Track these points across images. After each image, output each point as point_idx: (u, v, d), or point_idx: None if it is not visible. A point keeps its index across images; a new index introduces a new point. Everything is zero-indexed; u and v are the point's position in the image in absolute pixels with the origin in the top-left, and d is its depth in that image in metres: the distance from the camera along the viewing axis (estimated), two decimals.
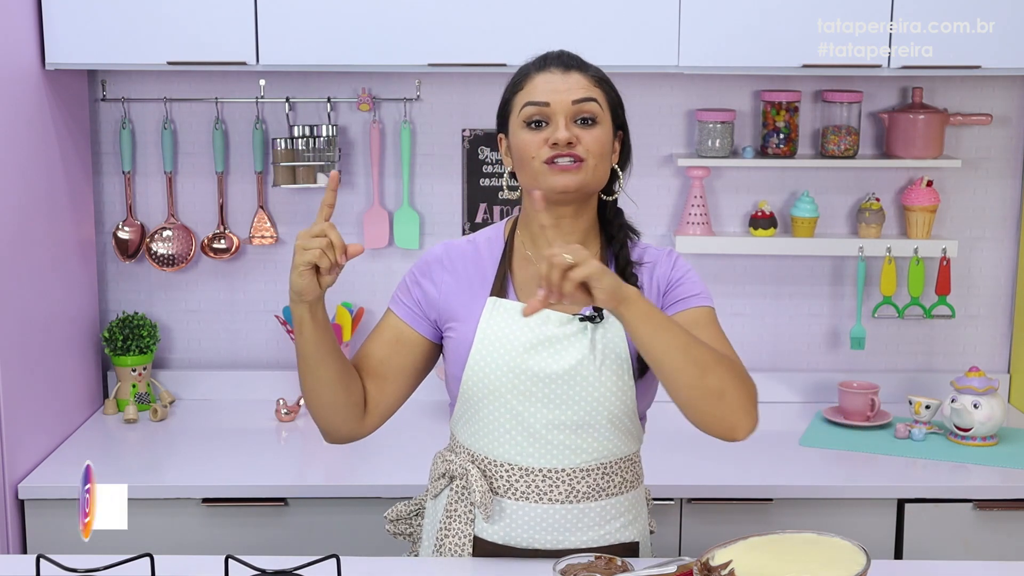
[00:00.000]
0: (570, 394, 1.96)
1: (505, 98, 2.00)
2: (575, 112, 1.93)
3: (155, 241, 3.30)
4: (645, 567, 1.84)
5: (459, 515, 2.02)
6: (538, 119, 1.93)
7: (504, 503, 2.00)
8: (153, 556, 1.79)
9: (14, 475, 2.72)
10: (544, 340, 1.96)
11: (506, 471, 1.99)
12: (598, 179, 1.95)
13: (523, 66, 2.00)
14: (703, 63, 2.90)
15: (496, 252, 2.05)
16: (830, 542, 1.82)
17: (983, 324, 3.38)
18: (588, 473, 1.99)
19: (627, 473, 2.04)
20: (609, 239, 2.03)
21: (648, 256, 2.04)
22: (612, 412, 1.97)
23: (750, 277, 3.35)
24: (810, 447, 2.98)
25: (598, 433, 1.98)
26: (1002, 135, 3.28)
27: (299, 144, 3.18)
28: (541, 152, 1.92)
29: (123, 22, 2.87)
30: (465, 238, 2.10)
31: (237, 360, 3.40)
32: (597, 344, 1.96)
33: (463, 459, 2.03)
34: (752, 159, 3.21)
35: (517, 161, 1.97)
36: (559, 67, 1.95)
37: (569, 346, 1.96)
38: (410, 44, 2.88)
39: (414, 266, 2.07)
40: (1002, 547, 2.75)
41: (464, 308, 2.00)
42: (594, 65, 2.01)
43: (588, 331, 1.96)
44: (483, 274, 2.03)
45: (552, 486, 1.98)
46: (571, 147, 1.91)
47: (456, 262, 2.04)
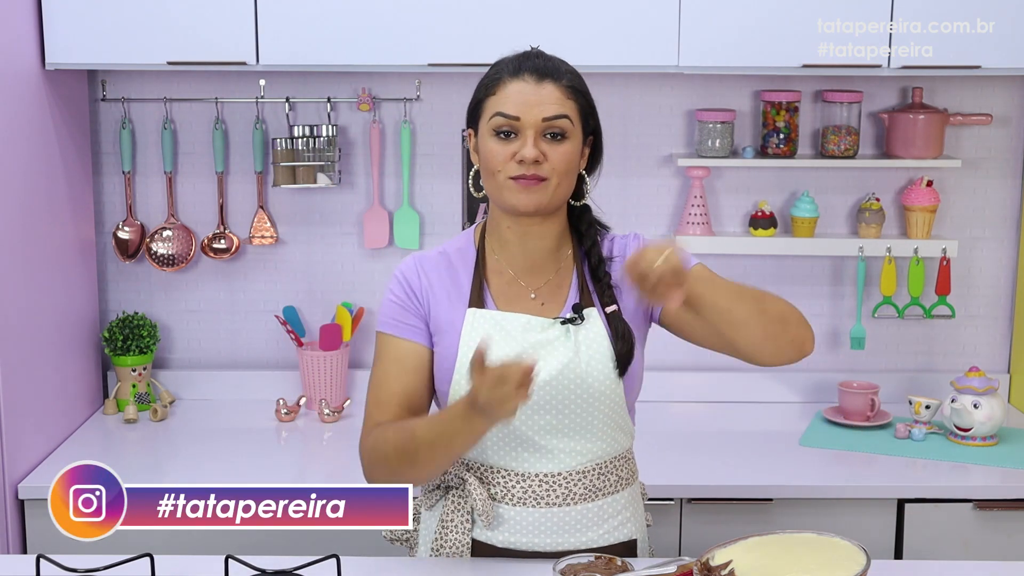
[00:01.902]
0: (560, 398, 1.95)
1: (476, 98, 1.99)
2: (545, 128, 1.92)
3: (155, 241, 3.30)
4: (645, 567, 1.84)
5: (455, 525, 2.01)
6: (507, 130, 1.92)
7: (502, 509, 1.99)
8: (153, 556, 1.79)
9: (14, 475, 2.72)
10: (528, 348, 1.95)
11: (503, 477, 1.99)
12: (560, 196, 1.95)
13: (497, 65, 1.98)
14: (703, 63, 2.90)
15: (469, 261, 2.04)
16: (830, 542, 1.82)
17: (983, 324, 3.38)
18: (584, 475, 1.99)
19: (622, 471, 2.05)
20: (580, 238, 2.04)
21: (617, 247, 2.05)
22: (604, 411, 1.98)
23: (750, 277, 3.35)
24: (810, 447, 2.98)
25: (592, 434, 1.98)
26: (1002, 135, 3.28)
27: (299, 144, 3.18)
28: (508, 167, 1.92)
29: (123, 22, 2.87)
30: (435, 249, 2.08)
31: (237, 360, 3.40)
32: (581, 346, 1.96)
33: (458, 468, 2.02)
34: (752, 159, 3.21)
35: (483, 167, 1.97)
36: (533, 75, 1.93)
37: (553, 351, 1.95)
38: (410, 44, 2.88)
39: (393, 285, 2.03)
40: (1002, 547, 2.75)
41: (445, 321, 1.99)
42: (569, 69, 1.98)
43: (570, 333, 1.96)
44: (459, 285, 2.01)
45: (549, 490, 1.98)
46: (537, 165, 1.91)
47: (431, 274, 2.02)
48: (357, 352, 3.34)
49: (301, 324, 3.33)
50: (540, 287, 2.01)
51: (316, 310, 3.36)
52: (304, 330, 3.34)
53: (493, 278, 2.02)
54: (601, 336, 1.97)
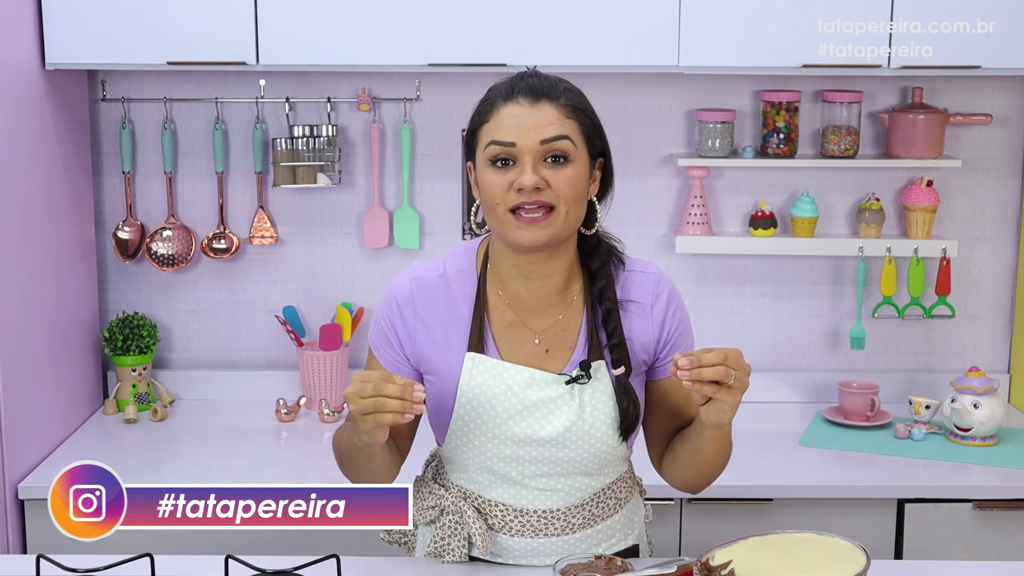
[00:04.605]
0: (559, 456, 1.89)
1: (471, 128, 1.85)
2: (544, 152, 1.77)
3: (155, 241, 3.30)
4: (645, 567, 1.83)
5: (452, 548, 1.96)
6: (504, 158, 1.77)
7: (500, 538, 1.96)
8: (153, 556, 1.79)
9: (14, 475, 2.72)
10: (531, 405, 1.86)
11: (500, 511, 1.95)
12: (570, 226, 1.81)
13: (490, 90, 1.84)
14: (703, 63, 2.90)
15: (469, 291, 1.90)
16: (830, 542, 1.82)
17: (983, 324, 3.38)
18: (583, 507, 1.95)
19: (620, 492, 2.00)
20: (592, 276, 1.90)
21: (635, 288, 1.91)
22: (603, 462, 1.93)
23: (750, 277, 3.35)
24: (810, 447, 2.98)
25: (591, 475, 1.95)
26: (1002, 135, 3.28)
27: (299, 144, 3.18)
28: (507, 198, 1.77)
29: (123, 22, 2.87)
30: (435, 267, 1.93)
31: (237, 360, 3.40)
32: (585, 407, 1.87)
33: (455, 496, 1.97)
34: (752, 159, 3.21)
35: (483, 202, 1.82)
36: (528, 97, 1.78)
37: (556, 410, 1.86)
38: (410, 44, 2.88)
39: (384, 307, 1.92)
40: (1002, 547, 2.75)
41: (441, 360, 1.89)
42: (568, 87, 1.84)
43: (575, 393, 1.87)
44: (458, 319, 1.89)
45: (548, 523, 1.94)
46: (539, 192, 1.76)
47: (428, 305, 1.89)
48: (357, 352, 3.34)
49: (301, 324, 3.33)
50: (545, 331, 1.90)
51: (316, 310, 3.36)
52: (304, 330, 3.34)
53: (495, 318, 1.89)
54: (607, 396, 1.87)
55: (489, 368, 1.87)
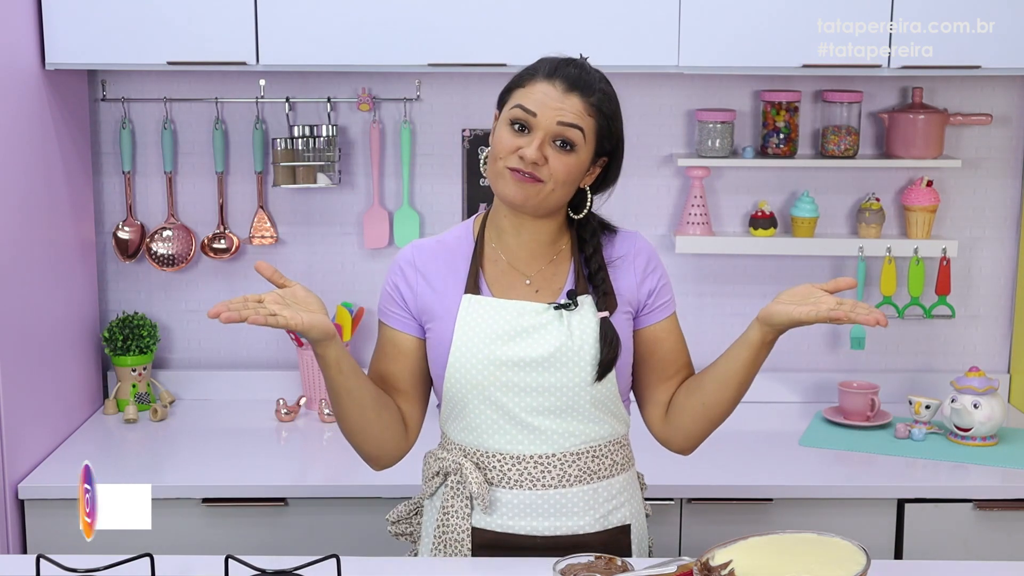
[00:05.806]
0: (551, 380, 2.00)
1: (508, 86, 2.02)
2: (556, 133, 1.94)
3: (155, 241, 3.30)
4: (645, 567, 1.84)
5: (456, 510, 2.04)
6: (521, 124, 1.95)
7: (499, 493, 2.03)
8: (153, 556, 1.79)
9: (14, 475, 2.72)
10: (522, 330, 2.00)
11: (498, 461, 2.03)
12: (553, 203, 1.98)
13: (539, 61, 2.01)
14: (703, 63, 2.90)
15: (467, 249, 2.08)
16: (830, 542, 1.82)
17: (983, 324, 3.38)
18: (578, 457, 2.03)
19: (617, 456, 2.08)
20: (580, 243, 2.07)
21: (619, 248, 2.09)
22: (594, 396, 2.02)
23: (750, 277, 3.35)
24: (810, 447, 2.98)
25: (583, 416, 2.03)
26: (1002, 135, 3.28)
27: (299, 144, 3.18)
28: (509, 158, 1.95)
29: (123, 22, 2.87)
30: (433, 238, 2.13)
31: (237, 360, 3.40)
32: (574, 330, 2.00)
33: (455, 455, 2.06)
34: (752, 159, 3.21)
35: (491, 150, 2.01)
36: (564, 83, 1.96)
37: (547, 333, 2.00)
38: (410, 44, 2.88)
39: (389, 274, 2.10)
40: (1002, 547, 2.75)
41: (440, 306, 2.04)
42: (604, 88, 2.00)
43: (564, 318, 2.00)
44: (455, 271, 2.06)
45: (544, 472, 2.02)
46: (535, 167, 1.93)
47: (427, 263, 2.07)
48: (357, 352, 3.33)
49: None
50: (535, 274, 2.05)
51: None
52: None
53: (489, 266, 2.06)
54: (594, 324, 2.01)
55: (483, 304, 2.02)
